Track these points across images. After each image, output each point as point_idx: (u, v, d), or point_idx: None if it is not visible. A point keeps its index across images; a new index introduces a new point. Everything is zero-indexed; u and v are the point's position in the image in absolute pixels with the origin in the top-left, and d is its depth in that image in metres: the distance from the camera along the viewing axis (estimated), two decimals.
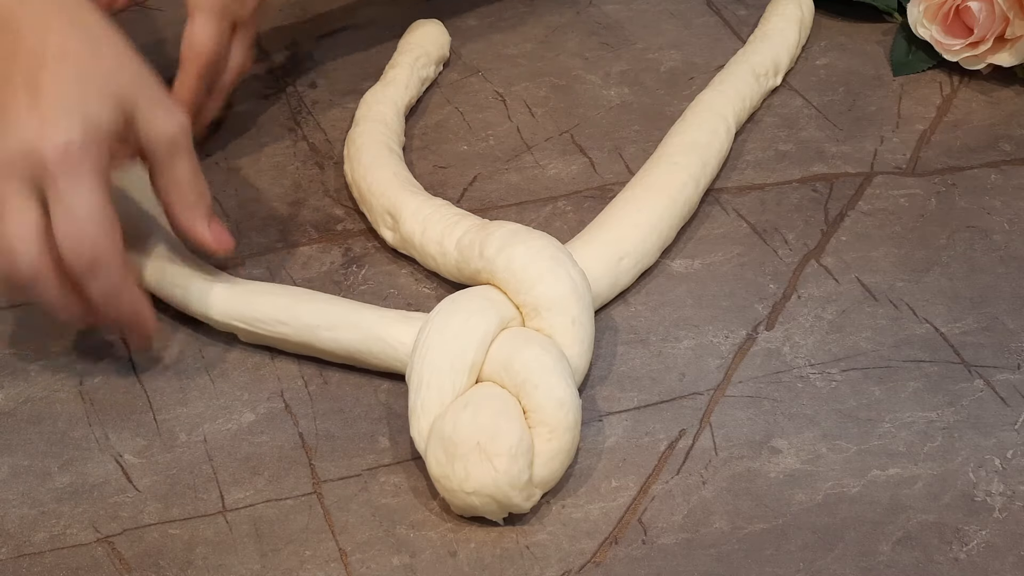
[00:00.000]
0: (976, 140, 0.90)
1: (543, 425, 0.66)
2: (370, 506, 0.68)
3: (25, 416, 0.73)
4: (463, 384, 0.67)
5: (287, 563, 0.65)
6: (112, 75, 0.68)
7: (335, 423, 0.72)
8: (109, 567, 0.65)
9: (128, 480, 0.69)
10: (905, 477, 0.69)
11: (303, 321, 0.73)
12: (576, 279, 0.71)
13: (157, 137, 0.70)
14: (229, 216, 0.85)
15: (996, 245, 0.82)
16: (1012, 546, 0.66)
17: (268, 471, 0.70)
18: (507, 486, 0.64)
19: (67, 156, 0.65)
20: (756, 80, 0.91)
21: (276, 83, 0.96)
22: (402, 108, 0.90)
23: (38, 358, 0.76)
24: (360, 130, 0.86)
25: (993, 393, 0.73)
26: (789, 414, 0.72)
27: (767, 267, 0.81)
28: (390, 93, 0.90)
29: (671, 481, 0.69)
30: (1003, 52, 0.93)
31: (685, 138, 0.85)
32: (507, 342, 0.69)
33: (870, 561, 0.65)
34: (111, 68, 0.69)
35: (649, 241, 0.79)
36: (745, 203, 0.85)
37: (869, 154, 0.89)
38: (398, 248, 0.80)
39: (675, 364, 0.75)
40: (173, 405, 0.73)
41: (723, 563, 0.65)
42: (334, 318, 0.73)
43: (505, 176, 0.88)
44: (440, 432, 0.66)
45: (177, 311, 0.77)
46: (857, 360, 0.75)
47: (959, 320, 0.77)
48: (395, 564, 0.65)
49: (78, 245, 0.65)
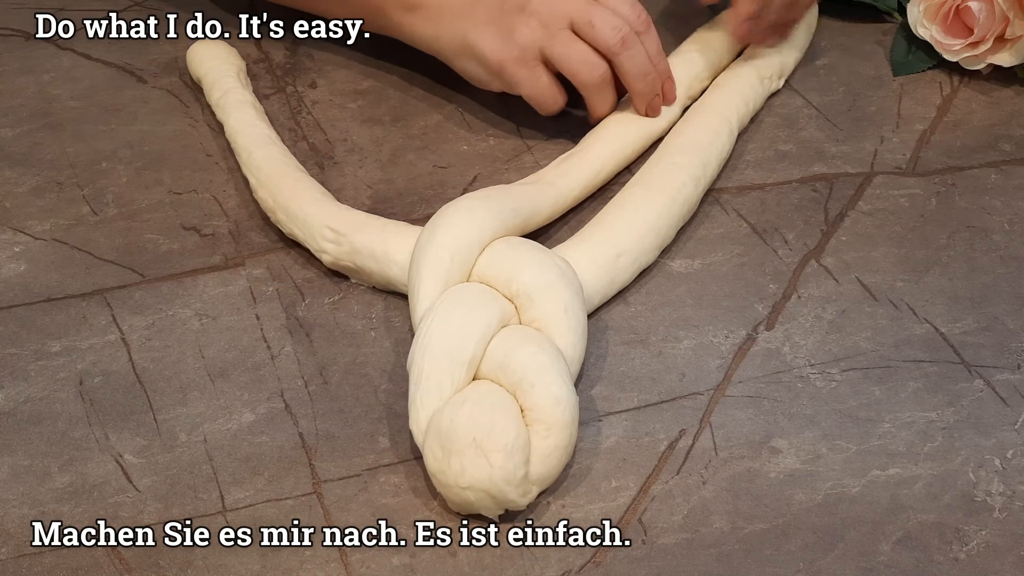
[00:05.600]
0: (976, 140, 0.90)
1: (540, 423, 0.66)
2: (370, 506, 0.68)
3: (25, 416, 0.73)
4: (462, 378, 0.68)
5: (287, 563, 0.65)
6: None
7: (335, 423, 0.72)
8: (109, 567, 0.65)
9: (128, 480, 0.69)
10: (905, 477, 0.69)
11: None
12: (562, 265, 0.73)
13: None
14: (229, 216, 0.85)
15: (996, 245, 0.82)
16: (1012, 546, 0.66)
17: (268, 471, 0.70)
18: (502, 482, 0.65)
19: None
20: (760, 83, 0.91)
21: (276, 83, 0.96)
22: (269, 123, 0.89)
23: (38, 358, 0.76)
24: (263, 155, 0.84)
25: (993, 393, 0.73)
26: (789, 414, 0.72)
27: (767, 267, 0.81)
28: (252, 114, 0.89)
29: (671, 481, 0.69)
30: (1003, 52, 0.93)
31: (686, 138, 0.85)
32: (504, 341, 0.69)
33: (870, 561, 0.65)
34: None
35: (647, 240, 0.79)
36: (745, 203, 0.85)
37: (869, 154, 0.89)
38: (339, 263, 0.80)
39: (675, 364, 0.75)
40: (173, 405, 0.73)
41: (723, 563, 0.65)
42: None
43: (505, 176, 0.88)
44: (437, 427, 0.66)
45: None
46: (857, 360, 0.75)
47: (959, 320, 0.77)
48: (395, 564, 0.65)
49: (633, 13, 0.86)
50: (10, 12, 1.03)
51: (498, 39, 0.85)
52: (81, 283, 0.80)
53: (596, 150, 0.85)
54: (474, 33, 0.86)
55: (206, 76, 0.93)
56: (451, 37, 0.88)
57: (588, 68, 0.85)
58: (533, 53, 0.85)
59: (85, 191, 0.87)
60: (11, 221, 0.85)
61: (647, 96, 0.87)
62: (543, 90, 0.86)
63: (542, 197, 0.81)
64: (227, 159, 0.89)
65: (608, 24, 0.84)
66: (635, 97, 0.87)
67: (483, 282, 0.73)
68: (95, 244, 0.83)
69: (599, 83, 0.85)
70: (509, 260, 0.73)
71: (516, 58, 0.85)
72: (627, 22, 0.85)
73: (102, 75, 0.97)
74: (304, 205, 0.80)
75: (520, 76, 0.86)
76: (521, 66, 0.85)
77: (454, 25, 0.87)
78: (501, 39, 0.85)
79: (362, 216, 0.79)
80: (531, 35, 0.85)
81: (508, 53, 0.85)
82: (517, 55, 0.85)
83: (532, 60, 0.85)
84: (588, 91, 0.86)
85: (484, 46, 0.86)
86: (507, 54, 0.85)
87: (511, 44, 0.85)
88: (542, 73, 0.86)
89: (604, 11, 0.85)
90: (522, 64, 0.85)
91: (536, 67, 0.85)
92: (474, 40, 0.86)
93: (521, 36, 0.85)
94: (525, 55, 0.85)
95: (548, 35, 0.84)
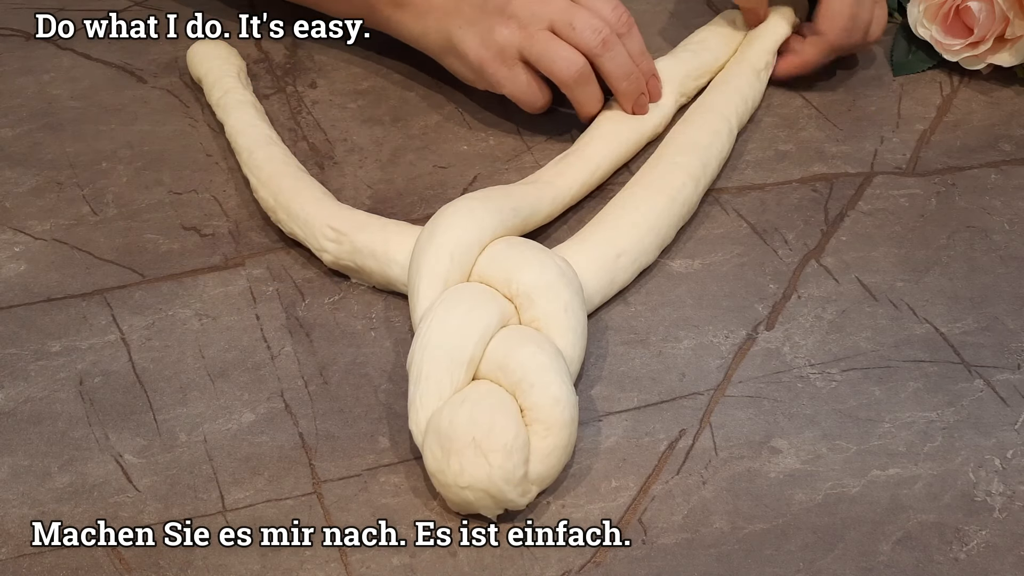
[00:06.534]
0: (976, 140, 0.90)
1: (539, 422, 0.66)
2: (370, 506, 0.68)
3: (25, 416, 0.73)
4: (461, 378, 0.68)
5: (287, 563, 0.65)
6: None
7: (335, 423, 0.72)
8: (109, 567, 0.65)
9: (128, 480, 0.69)
10: (905, 477, 0.69)
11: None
12: (562, 265, 0.73)
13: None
14: (229, 216, 0.85)
15: (996, 245, 0.82)
16: (1012, 546, 0.66)
17: (268, 471, 0.70)
18: (502, 481, 0.65)
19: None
20: (757, 77, 0.92)
21: (276, 83, 0.96)
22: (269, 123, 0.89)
23: (38, 358, 0.76)
24: (264, 155, 0.84)
25: (993, 393, 0.73)
26: (789, 414, 0.72)
27: (767, 267, 0.81)
28: (252, 114, 0.89)
29: (671, 481, 0.69)
30: (1003, 52, 0.93)
31: (685, 138, 0.85)
32: (503, 340, 0.69)
33: (870, 561, 0.65)
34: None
35: (647, 240, 0.79)
36: (745, 203, 0.85)
37: (869, 154, 0.89)
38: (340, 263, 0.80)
39: (675, 364, 0.75)
40: (173, 405, 0.73)
41: (723, 563, 0.65)
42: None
43: (505, 176, 0.88)
44: (436, 427, 0.66)
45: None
46: (857, 360, 0.75)
47: (959, 320, 0.77)
48: (395, 564, 0.65)
49: (614, 16, 0.87)
50: (10, 12, 1.03)
51: (478, 38, 0.87)
52: (81, 283, 0.80)
53: (593, 148, 0.85)
54: (457, 32, 0.88)
55: (206, 76, 0.93)
56: (437, 34, 0.89)
57: (566, 65, 0.85)
58: (512, 52, 0.86)
59: (85, 191, 0.87)
60: (11, 221, 0.85)
61: (632, 96, 0.87)
62: (523, 88, 0.87)
63: (541, 196, 0.81)
64: (227, 159, 0.89)
65: (588, 26, 0.85)
66: (620, 97, 0.88)
67: (483, 282, 0.73)
68: (95, 244, 0.83)
69: (577, 78, 0.86)
70: (509, 260, 0.73)
71: (494, 57, 0.87)
72: (607, 24, 0.86)
73: (102, 75, 0.97)
74: (305, 204, 0.80)
75: (500, 75, 0.87)
76: (500, 65, 0.87)
77: (439, 23, 0.88)
78: (481, 38, 0.87)
79: (363, 215, 0.79)
80: (510, 35, 0.86)
81: (487, 52, 0.87)
82: (495, 54, 0.86)
83: (511, 59, 0.86)
84: (569, 88, 0.87)
85: (465, 45, 0.87)
86: (486, 53, 0.87)
87: (490, 43, 0.86)
88: (521, 71, 0.87)
89: (584, 12, 0.86)
90: (501, 63, 0.87)
91: (515, 66, 0.87)
92: (457, 39, 0.88)
93: (500, 36, 0.86)
94: (504, 54, 0.86)
95: (527, 36, 0.85)
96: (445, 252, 0.73)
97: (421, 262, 0.74)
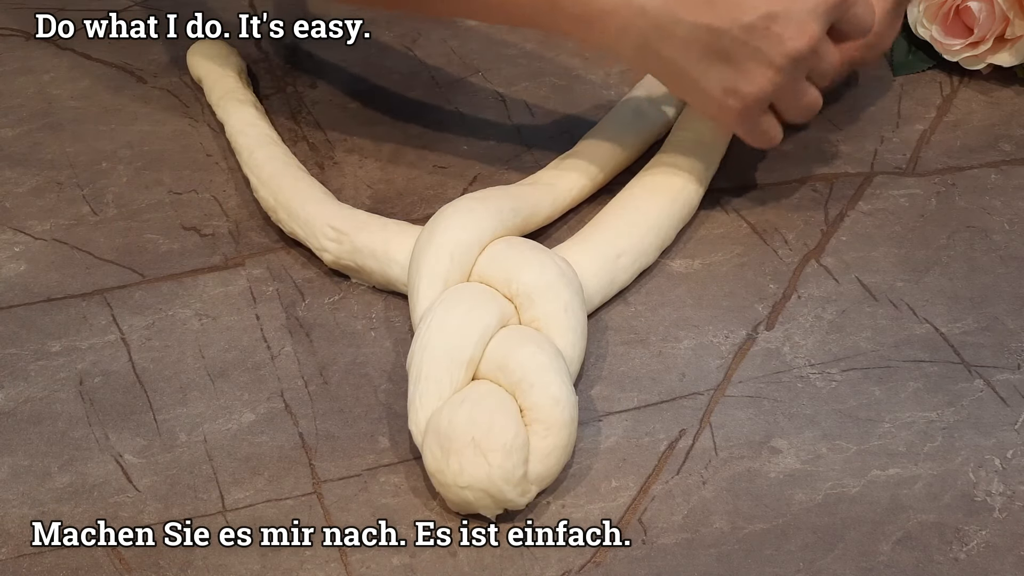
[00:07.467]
0: (976, 140, 0.90)
1: (539, 422, 0.66)
2: (370, 506, 0.68)
3: (25, 416, 0.73)
4: (461, 378, 0.68)
5: (287, 563, 0.65)
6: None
7: (335, 423, 0.72)
8: (109, 567, 0.65)
9: (128, 480, 0.69)
10: (905, 477, 0.69)
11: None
12: (562, 265, 0.73)
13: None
14: (229, 216, 0.85)
15: (996, 245, 0.82)
16: (1012, 546, 0.66)
17: (268, 471, 0.70)
18: (501, 481, 0.65)
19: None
20: None
21: (276, 83, 0.96)
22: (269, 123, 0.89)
23: (38, 358, 0.76)
24: (265, 155, 0.85)
25: (993, 393, 0.73)
26: (789, 414, 0.72)
27: (767, 267, 0.81)
28: (253, 114, 0.89)
29: (671, 481, 0.69)
30: (1003, 52, 0.93)
31: (686, 139, 0.85)
32: (503, 340, 0.69)
33: (870, 561, 0.65)
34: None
35: (647, 240, 0.79)
36: (745, 203, 0.85)
37: (869, 154, 0.89)
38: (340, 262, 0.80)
39: (675, 364, 0.75)
40: (173, 405, 0.73)
41: (723, 563, 0.65)
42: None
43: (505, 176, 0.88)
44: (436, 427, 0.66)
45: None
46: (857, 360, 0.75)
47: (959, 320, 0.77)
48: (395, 564, 0.65)
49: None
50: (10, 12, 1.03)
51: (720, 86, 0.76)
52: (81, 283, 0.80)
53: (594, 151, 0.85)
54: (695, 67, 0.76)
55: (206, 76, 0.93)
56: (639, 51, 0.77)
57: (808, 113, 0.79)
58: (764, 106, 0.77)
59: (85, 191, 0.87)
60: (11, 221, 0.85)
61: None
62: (762, 137, 0.80)
63: (541, 197, 0.81)
64: (227, 159, 0.89)
65: (832, 68, 0.78)
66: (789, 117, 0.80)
67: (483, 282, 0.73)
68: (95, 244, 0.83)
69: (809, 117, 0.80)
70: (509, 260, 0.73)
71: (743, 111, 0.77)
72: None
73: (102, 75, 0.97)
74: (306, 204, 0.80)
75: (742, 130, 0.80)
76: (746, 119, 0.78)
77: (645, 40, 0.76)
78: (723, 87, 0.76)
79: (364, 215, 0.79)
80: (766, 85, 0.75)
81: (735, 103, 0.76)
82: (744, 108, 0.77)
83: (760, 112, 0.78)
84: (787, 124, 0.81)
85: (704, 85, 0.76)
86: (734, 104, 0.77)
87: (739, 94, 0.76)
88: (764, 119, 0.79)
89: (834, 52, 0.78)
90: (747, 117, 0.78)
91: (762, 115, 0.78)
92: (695, 75, 0.76)
93: (754, 86, 0.75)
94: (757, 107, 0.77)
95: (781, 86, 0.76)
96: (445, 252, 0.73)
97: (421, 262, 0.74)
